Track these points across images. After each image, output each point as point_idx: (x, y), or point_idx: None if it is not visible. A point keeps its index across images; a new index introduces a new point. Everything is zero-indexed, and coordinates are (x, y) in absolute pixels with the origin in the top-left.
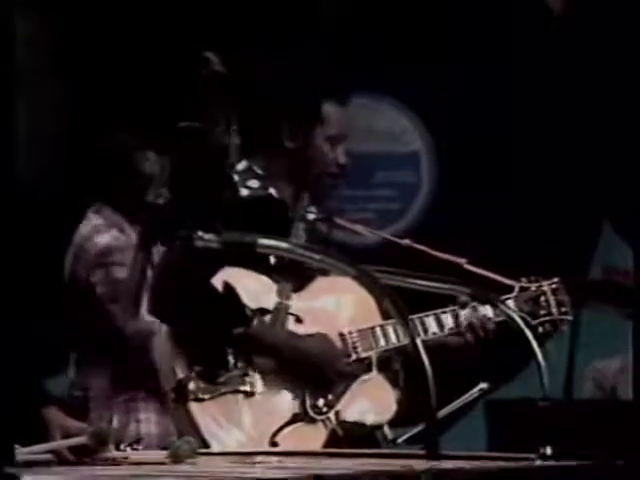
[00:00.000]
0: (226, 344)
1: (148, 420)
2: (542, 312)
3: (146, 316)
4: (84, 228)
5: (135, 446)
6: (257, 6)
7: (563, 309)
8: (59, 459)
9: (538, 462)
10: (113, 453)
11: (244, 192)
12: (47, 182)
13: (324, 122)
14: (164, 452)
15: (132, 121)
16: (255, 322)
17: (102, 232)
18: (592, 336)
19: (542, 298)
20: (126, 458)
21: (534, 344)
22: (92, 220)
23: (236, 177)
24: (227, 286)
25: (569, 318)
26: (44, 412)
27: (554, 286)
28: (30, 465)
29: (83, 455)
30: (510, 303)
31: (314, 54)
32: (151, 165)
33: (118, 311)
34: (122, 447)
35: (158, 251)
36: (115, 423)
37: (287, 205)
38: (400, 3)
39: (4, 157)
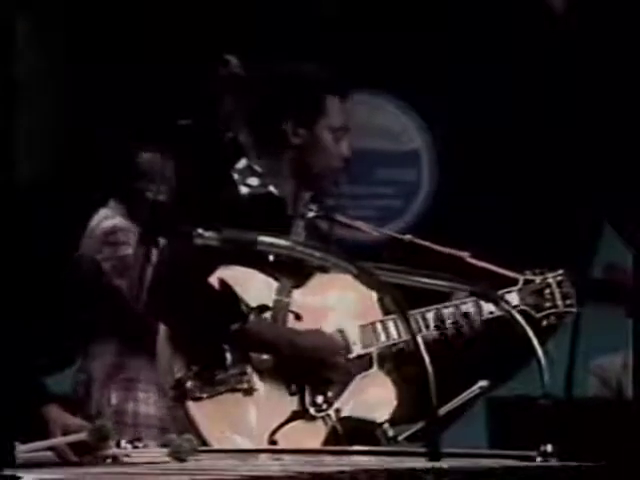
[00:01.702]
0: (224, 341)
1: (147, 400)
2: (547, 305)
3: None
4: (94, 219)
5: (136, 444)
6: (258, 6)
7: (568, 301)
8: (59, 456)
9: (539, 460)
10: (113, 451)
11: (244, 190)
12: (48, 181)
13: (326, 114)
14: (164, 450)
15: (134, 119)
16: (252, 319)
17: (109, 218)
18: (592, 334)
19: (547, 290)
20: (127, 456)
21: (535, 342)
22: (100, 211)
23: (236, 175)
24: (224, 284)
25: (574, 310)
26: (45, 410)
27: (559, 278)
28: (30, 465)
29: (83, 452)
30: (514, 296)
31: (314, 53)
32: (151, 162)
33: (124, 287)
34: (122, 445)
35: (158, 248)
36: (113, 400)
37: (287, 203)
38: (400, 3)
39: (4, 156)
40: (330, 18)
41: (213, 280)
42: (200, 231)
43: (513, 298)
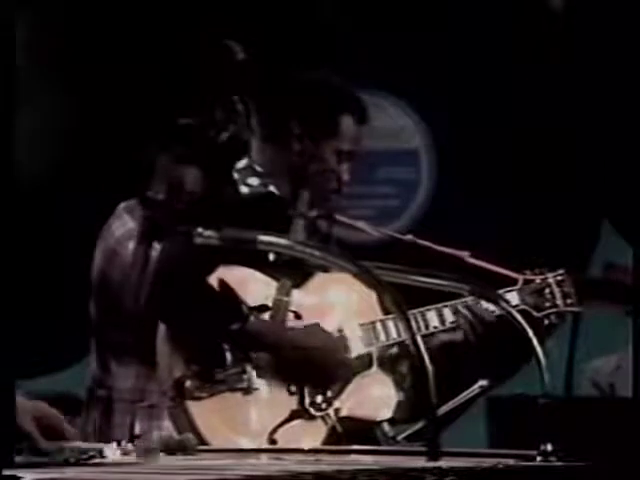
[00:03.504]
0: (223, 341)
1: (170, 428)
2: (547, 304)
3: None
4: (118, 229)
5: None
6: (256, 6)
7: (569, 301)
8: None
9: (539, 459)
10: (113, 452)
11: (244, 189)
12: (48, 181)
13: (338, 135)
14: (164, 450)
15: (135, 116)
16: (252, 318)
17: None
18: (592, 333)
19: (547, 290)
20: (126, 456)
21: (534, 341)
22: (125, 221)
23: (236, 175)
24: (224, 283)
25: (575, 310)
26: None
27: (559, 278)
28: (30, 465)
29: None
30: (514, 295)
31: (314, 53)
32: (153, 162)
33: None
34: (122, 445)
35: (157, 247)
36: (137, 430)
37: (287, 202)
38: (400, 3)
39: (4, 156)
40: (330, 17)
41: (213, 280)
42: (199, 230)
43: (513, 298)
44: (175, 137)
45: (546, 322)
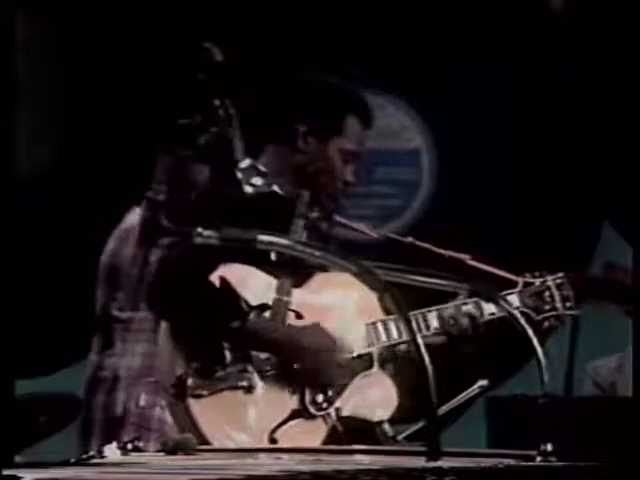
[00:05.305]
0: (224, 339)
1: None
2: (547, 307)
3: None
4: (131, 218)
5: (136, 443)
6: (255, 6)
7: (568, 304)
8: None
9: (539, 459)
10: (113, 452)
11: (248, 189)
12: (48, 181)
13: (342, 134)
14: (164, 450)
15: (134, 116)
16: (252, 317)
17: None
18: (592, 333)
19: (546, 293)
20: (126, 455)
21: (534, 341)
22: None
23: (240, 175)
24: (225, 282)
25: (574, 313)
26: None
27: (559, 281)
28: (30, 465)
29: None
30: (514, 298)
31: (313, 52)
32: (153, 161)
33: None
34: (122, 445)
35: (158, 247)
36: (142, 402)
37: (290, 202)
38: (400, 2)
39: (4, 156)
40: (330, 17)
41: (214, 278)
42: (199, 230)
43: (513, 300)
44: (174, 137)
45: (545, 325)
